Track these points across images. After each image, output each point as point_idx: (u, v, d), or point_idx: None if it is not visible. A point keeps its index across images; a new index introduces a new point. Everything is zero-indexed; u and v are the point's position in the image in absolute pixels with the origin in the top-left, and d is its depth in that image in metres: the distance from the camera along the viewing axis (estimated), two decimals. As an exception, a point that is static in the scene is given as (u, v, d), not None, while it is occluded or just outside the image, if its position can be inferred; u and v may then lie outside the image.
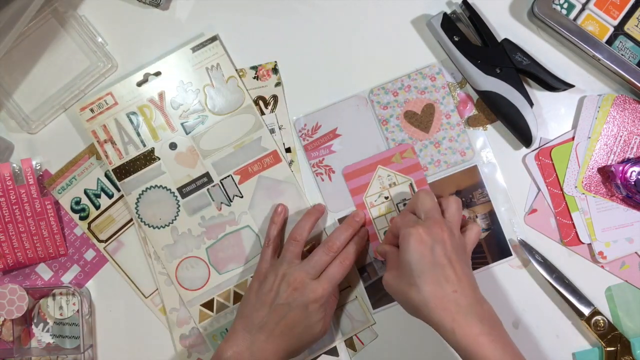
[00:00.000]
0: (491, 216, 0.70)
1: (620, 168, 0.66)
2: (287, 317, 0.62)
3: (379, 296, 0.70)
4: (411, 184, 0.70)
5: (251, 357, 0.61)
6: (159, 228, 0.69)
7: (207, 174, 0.69)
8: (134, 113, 0.69)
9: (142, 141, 0.69)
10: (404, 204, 0.70)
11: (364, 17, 0.71)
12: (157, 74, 0.69)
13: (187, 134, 0.69)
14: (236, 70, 0.70)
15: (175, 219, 0.70)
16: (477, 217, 0.70)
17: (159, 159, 0.69)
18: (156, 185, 0.69)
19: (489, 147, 0.70)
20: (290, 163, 0.70)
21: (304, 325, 0.62)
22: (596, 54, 0.67)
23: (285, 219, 0.69)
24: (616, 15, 0.67)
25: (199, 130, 0.69)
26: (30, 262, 0.70)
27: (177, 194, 0.69)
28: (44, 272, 0.71)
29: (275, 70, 0.70)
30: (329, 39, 0.71)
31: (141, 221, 0.69)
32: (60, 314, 0.71)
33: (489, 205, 0.70)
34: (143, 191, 0.69)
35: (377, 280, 0.70)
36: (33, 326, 0.71)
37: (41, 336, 0.71)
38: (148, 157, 0.69)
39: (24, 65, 0.71)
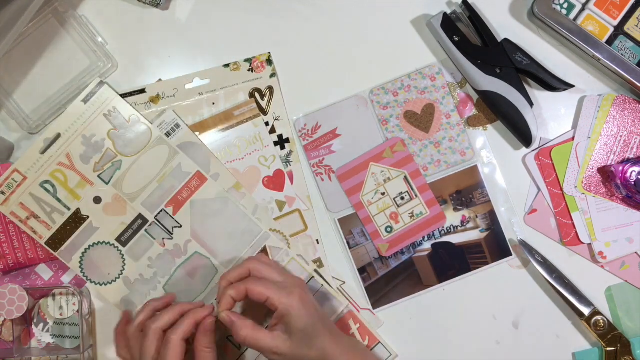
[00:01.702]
0: (491, 216, 0.70)
1: (620, 168, 0.66)
2: None
3: (378, 296, 0.70)
4: (405, 177, 0.70)
5: None
6: (110, 283, 0.69)
7: (140, 216, 0.69)
8: (47, 181, 0.68)
9: (64, 205, 0.68)
10: (402, 198, 0.69)
11: (364, 17, 0.71)
12: (57, 136, 0.68)
13: (107, 183, 0.68)
14: (133, 106, 0.69)
15: (124, 269, 0.69)
16: (477, 217, 0.70)
17: (88, 217, 0.68)
18: (94, 243, 0.68)
19: (489, 147, 0.70)
20: (290, 154, 0.70)
21: None
22: (596, 54, 0.67)
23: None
24: (616, 15, 0.67)
25: (118, 177, 0.68)
26: (31, 263, 0.70)
27: (117, 244, 0.69)
28: (44, 272, 0.71)
29: (269, 61, 0.70)
30: (329, 39, 0.71)
31: (91, 282, 0.69)
32: (60, 314, 0.70)
33: (489, 205, 0.70)
34: (83, 253, 0.68)
35: (377, 280, 0.70)
36: (33, 326, 0.71)
37: (41, 336, 0.71)
38: (76, 219, 0.68)
39: (24, 65, 0.71)
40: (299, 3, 0.71)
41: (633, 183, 0.66)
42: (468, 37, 0.68)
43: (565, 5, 0.68)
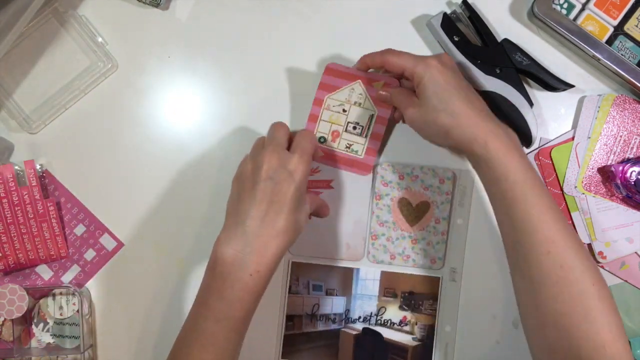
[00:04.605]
0: (429, 331, 0.69)
1: (620, 168, 0.66)
2: (275, 191, 0.57)
3: (292, 349, 0.69)
4: (372, 116, 0.68)
5: (249, 249, 0.56)
6: None
7: None
8: None
9: None
10: (354, 127, 0.68)
11: (364, 17, 0.71)
12: None
13: None
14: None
15: None
16: (416, 324, 0.69)
17: None
18: None
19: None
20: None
21: (297, 197, 0.58)
22: (596, 54, 0.67)
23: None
24: (616, 15, 0.67)
25: None
26: (32, 264, 0.70)
27: None
28: (44, 272, 0.71)
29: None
30: (329, 39, 0.71)
31: None
32: (60, 314, 0.70)
33: (432, 320, 0.69)
34: None
35: (299, 335, 0.69)
36: (33, 326, 0.71)
37: (41, 336, 0.71)
38: None
39: (24, 65, 0.71)
40: (299, 3, 0.71)
41: (633, 183, 0.66)
42: (468, 37, 0.68)
43: (565, 5, 0.68)
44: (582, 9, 0.68)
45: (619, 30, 0.67)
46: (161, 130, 0.71)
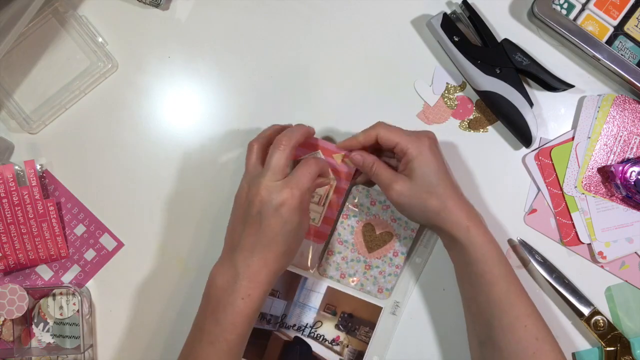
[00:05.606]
0: (356, 356, 0.68)
1: (620, 168, 0.66)
2: (263, 227, 0.58)
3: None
4: (331, 186, 0.67)
5: (240, 277, 0.58)
6: None
7: None
8: None
9: None
10: (312, 196, 0.67)
11: (364, 17, 0.71)
12: None
13: None
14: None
15: None
16: (347, 347, 0.68)
17: None
18: None
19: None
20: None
21: (285, 231, 0.58)
22: (596, 54, 0.67)
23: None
24: (616, 15, 0.67)
25: None
26: (32, 264, 0.70)
27: None
28: (44, 272, 0.71)
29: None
30: (329, 39, 0.71)
31: None
32: (61, 314, 0.70)
33: (364, 346, 0.68)
34: None
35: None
36: (33, 326, 0.71)
37: (41, 336, 0.71)
38: None
39: (24, 65, 0.71)
40: (298, 3, 0.71)
41: (633, 183, 0.66)
42: (468, 37, 0.68)
43: (565, 6, 0.68)
44: (582, 9, 0.68)
45: (619, 30, 0.67)
46: (161, 130, 0.71)
